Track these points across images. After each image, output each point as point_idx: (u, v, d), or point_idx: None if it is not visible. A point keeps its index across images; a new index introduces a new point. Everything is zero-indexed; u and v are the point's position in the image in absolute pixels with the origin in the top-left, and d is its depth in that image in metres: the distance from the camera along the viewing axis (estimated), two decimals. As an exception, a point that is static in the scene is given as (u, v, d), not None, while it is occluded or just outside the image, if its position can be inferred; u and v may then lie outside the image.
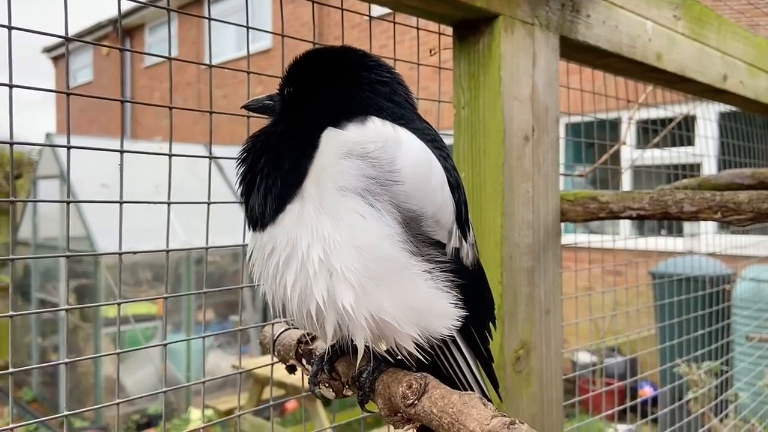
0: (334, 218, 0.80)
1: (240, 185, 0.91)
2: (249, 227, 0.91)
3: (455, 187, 0.92)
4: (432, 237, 0.86)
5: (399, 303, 0.82)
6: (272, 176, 0.85)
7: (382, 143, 0.83)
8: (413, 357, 0.87)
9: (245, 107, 1.00)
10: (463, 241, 0.92)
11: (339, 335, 0.85)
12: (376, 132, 0.84)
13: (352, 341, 0.84)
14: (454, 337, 0.89)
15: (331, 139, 0.84)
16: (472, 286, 0.91)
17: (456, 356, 0.93)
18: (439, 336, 0.86)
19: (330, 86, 0.92)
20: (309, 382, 1.01)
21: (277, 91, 0.99)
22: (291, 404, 6.43)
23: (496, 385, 1.04)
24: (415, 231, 0.84)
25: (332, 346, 0.98)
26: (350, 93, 0.91)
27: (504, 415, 0.71)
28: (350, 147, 0.82)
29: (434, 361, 0.90)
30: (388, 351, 0.88)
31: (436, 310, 0.85)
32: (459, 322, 0.88)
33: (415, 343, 0.84)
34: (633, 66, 1.83)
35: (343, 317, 0.81)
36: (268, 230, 0.85)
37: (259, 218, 0.86)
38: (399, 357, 0.88)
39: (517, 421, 0.68)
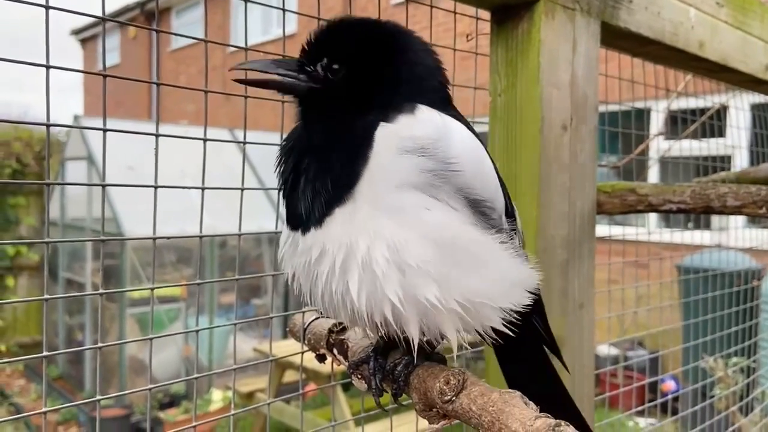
0: (397, 216, 0.76)
1: (282, 185, 0.86)
2: (288, 227, 0.86)
3: (498, 175, 0.90)
4: (491, 216, 0.84)
5: (490, 280, 0.80)
6: (320, 179, 0.80)
7: (436, 135, 0.79)
8: (499, 334, 0.84)
9: (245, 80, 0.87)
10: (513, 228, 0.90)
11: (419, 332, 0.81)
12: (427, 122, 0.81)
13: (400, 333, 0.81)
14: (532, 306, 0.87)
15: (384, 137, 0.79)
16: None
17: (537, 327, 0.94)
18: (523, 306, 0.84)
19: (371, 66, 0.86)
20: (373, 388, 0.95)
21: (298, 60, 0.88)
22: (310, 388, 6.48)
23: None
24: (480, 211, 0.82)
25: (381, 338, 0.94)
26: (394, 76, 0.86)
27: (548, 416, 0.68)
28: (405, 143, 0.78)
29: (519, 335, 0.86)
30: (428, 342, 0.85)
31: (522, 278, 0.84)
32: (539, 287, 0.88)
33: (502, 318, 0.82)
34: (675, 54, 1.77)
35: (428, 312, 0.77)
36: (312, 233, 0.81)
37: (304, 220, 0.81)
38: (438, 349, 0.86)
39: (563, 423, 0.65)
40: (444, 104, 0.90)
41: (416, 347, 0.82)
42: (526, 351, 0.97)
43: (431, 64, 0.90)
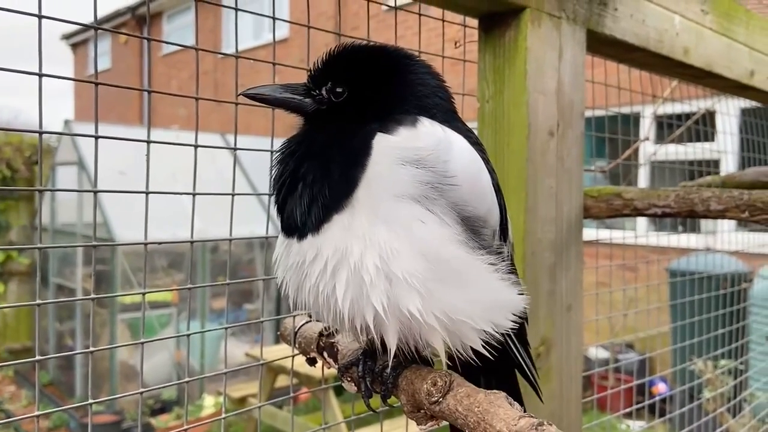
0: (391, 226, 0.77)
1: (277, 190, 0.87)
2: (284, 234, 0.87)
3: (497, 190, 0.91)
4: (482, 234, 0.85)
5: (472, 299, 0.80)
6: (318, 185, 0.81)
7: (435, 147, 0.81)
8: (479, 356, 0.84)
9: (252, 97, 0.91)
10: (504, 242, 0.91)
11: (403, 343, 0.82)
12: (427, 135, 0.82)
13: (379, 341, 0.82)
14: (510, 331, 0.87)
15: (383, 147, 0.81)
16: None
17: (518, 350, 0.93)
18: (504, 330, 0.85)
19: (374, 87, 0.89)
20: (363, 391, 0.96)
21: (304, 85, 0.92)
22: (302, 392, 6.47)
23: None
24: (472, 228, 0.83)
25: (366, 346, 0.96)
26: (396, 94, 0.88)
27: (531, 416, 0.70)
28: (404, 154, 0.79)
29: (499, 356, 0.87)
30: (415, 349, 0.87)
31: (506, 302, 0.85)
32: (524, 312, 0.88)
33: (482, 339, 0.82)
34: (660, 61, 1.80)
35: (408, 323, 0.78)
36: (308, 239, 0.82)
37: (300, 227, 0.82)
38: (423, 354, 0.87)
39: (545, 422, 0.67)
40: (448, 118, 0.91)
41: (392, 355, 0.83)
42: (496, 370, 0.96)
43: (433, 83, 0.92)
